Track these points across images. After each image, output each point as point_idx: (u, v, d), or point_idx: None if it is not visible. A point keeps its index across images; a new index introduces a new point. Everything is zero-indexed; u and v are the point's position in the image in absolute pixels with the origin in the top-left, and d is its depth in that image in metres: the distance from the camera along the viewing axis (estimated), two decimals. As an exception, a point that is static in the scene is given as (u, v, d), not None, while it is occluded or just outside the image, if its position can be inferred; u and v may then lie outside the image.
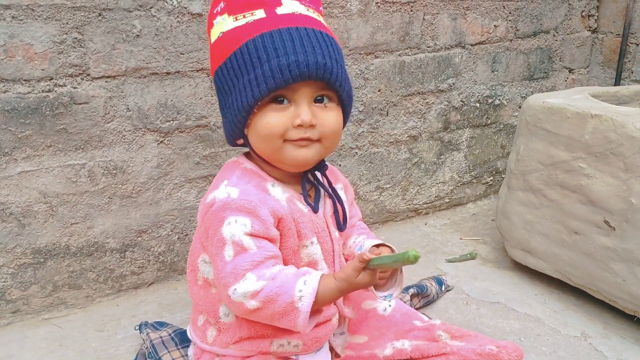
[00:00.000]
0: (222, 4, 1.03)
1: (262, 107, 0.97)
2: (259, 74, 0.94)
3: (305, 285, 0.94)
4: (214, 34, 1.03)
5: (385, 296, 1.07)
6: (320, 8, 1.08)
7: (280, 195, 1.03)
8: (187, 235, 1.60)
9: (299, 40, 0.94)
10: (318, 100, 0.99)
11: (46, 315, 1.46)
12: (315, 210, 1.07)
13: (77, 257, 1.47)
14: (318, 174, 1.11)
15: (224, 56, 0.99)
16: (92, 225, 1.46)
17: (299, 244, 1.04)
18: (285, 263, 1.02)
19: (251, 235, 0.96)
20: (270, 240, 0.98)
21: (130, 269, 1.55)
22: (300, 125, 0.97)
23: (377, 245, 1.12)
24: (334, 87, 0.99)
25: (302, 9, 1.01)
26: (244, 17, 0.98)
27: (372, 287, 1.06)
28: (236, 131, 1.03)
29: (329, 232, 1.09)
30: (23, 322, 1.43)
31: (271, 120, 0.97)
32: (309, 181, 1.08)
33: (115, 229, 1.49)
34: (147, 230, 1.54)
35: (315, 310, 0.97)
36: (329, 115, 1.00)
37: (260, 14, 0.98)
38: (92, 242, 1.47)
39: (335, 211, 1.11)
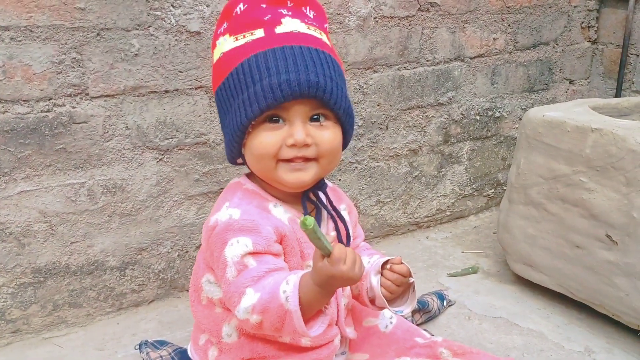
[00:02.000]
0: (225, 24, 1.03)
1: (256, 126, 0.97)
2: (252, 94, 0.94)
3: (287, 285, 0.91)
4: (216, 54, 1.03)
5: (396, 311, 1.08)
6: (325, 25, 1.08)
7: (282, 215, 1.03)
8: (187, 252, 1.60)
9: (292, 58, 0.94)
10: (314, 119, 0.99)
11: (46, 335, 1.45)
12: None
13: (77, 275, 1.46)
14: (321, 194, 1.10)
15: (222, 76, 1.00)
16: (91, 244, 1.46)
17: (302, 264, 1.04)
18: None
19: (252, 254, 0.96)
20: (273, 255, 0.98)
21: (130, 287, 1.54)
22: (293, 145, 0.96)
23: (387, 262, 1.10)
24: (328, 106, 0.98)
25: (302, 27, 1.00)
26: (244, 37, 0.99)
27: (384, 300, 1.06)
28: (234, 150, 1.03)
29: None
30: (23, 342, 1.43)
31: (264, 140, 0.97)
32: (309, 200, 1.08)
33: (115, 247, 1.49)
34: (147, 248, 1.54)
35: (312, 310, 0.93)
36: (325, 134, 0.99)
37: (259, 33, 0.98)
38: (92, 261, 1.47)
39: (337, 231, 1.10)
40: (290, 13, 1.01)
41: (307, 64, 0.94)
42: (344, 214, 1.14)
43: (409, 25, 1.80)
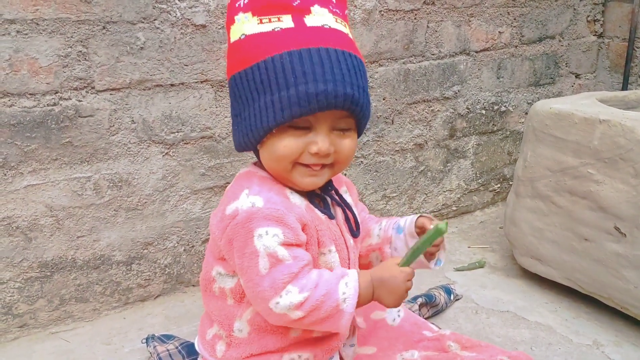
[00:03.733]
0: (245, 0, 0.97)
1: (280, 128, 0.95)
2: (284, 98, 0.91)
3: (347, 287, 0.96)
4: (235, 33, 0.97)
5: (436, 263, 1.09)
6: (346, 12, 1.06)
7: (300, 202, 1.01)
8: (193, 247, 1.59)
9: (329, 65, 0.91)
10: (338, 127, 0.98)
11: (53, 329, 1.45)
12: (332, 217, 1.06)
13: (84, 270, 1.46)
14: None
15: (245, 63, 0.95)
16: (98, 238, 1.46)
17: (318, 251, 1.03)
18: None
19: (284, 244, 0.94)
20: (301, 245, 0.98)
21: (136, 281, 1.54)
22: (316, 153, 0.95)
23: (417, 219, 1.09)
24: (357, 117, 0.98)
25: (330, 20, 0.97)
26: (270, 21, 0.94)
27: (422, 257, 1.06)
28: (248, 144, 1.00)
29: (344, 240, 1.08)
30: (30, 337, 1.43)
31: (288, 144, 0.95)
32: (316, 195, 1.08)
33: (122, 241, 1.49)
34: (153, 243, 1.53)
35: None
36: (346, 143, 0.98)
37: (287, 20, 0.94)
38: (99, 255, 1.47)
39: (347, 218, 1.10)
40: None
41: (343, 73, 0.92)
42: (346, 196, 1.13)
43: (415, 18, 1.79)
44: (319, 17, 0.96)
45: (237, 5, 0.98)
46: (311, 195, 1.06)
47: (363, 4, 1.68)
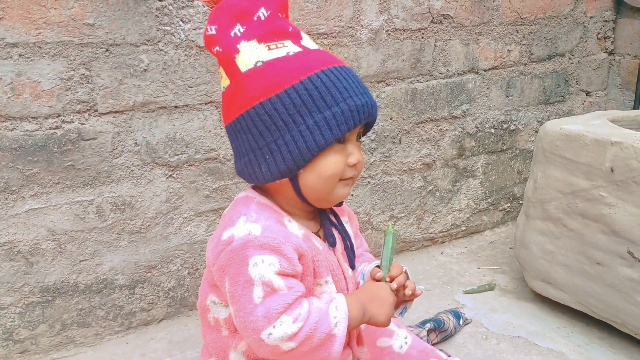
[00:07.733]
0: (240, 27, 0.95)
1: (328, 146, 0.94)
2: (338, 113, 0.91)
3: (337, 311, 0.94)
4: (246, 62, 0.94)
5: (401, 312, 1.06)
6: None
7: (297, 231, 0.99)
8: (197, 269, 1.57)
9: (356, 80, 0.95)
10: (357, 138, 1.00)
11: (55, 355, 1.43)
12: (333, 244, 1.04)
13: (86, 294, 1.44)
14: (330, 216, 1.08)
15: (275, 88, 0.91)
16: (100, 262, 1.44)
17: (314, 282, 1.01)
18: None
19: (280, 274, 0.92)
20: (297, 276, 0.95)
21: (139, 305, 1.52)
22: (354, 165, 0.96)
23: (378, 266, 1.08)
24: (370, 126, 1.00)
25: (315, 44, 0.99)
26: (277, 47, 0.94)
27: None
28: (286, 172, 0.94)
29: (342, 270, 1.06)
30: (31, 362, 1.41)
31: (338, 159, 0.94)
32: (328, 219, 1.06)
33: (124, 265, 1.47)
34: (157, 266, 1.51)
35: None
36: (361, 153, 1.00)
37: (291, 45, 0.94)
38: (101, 279, 1.45)
39: (346, 247, 1.07)
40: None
41: (364, 86, 0.96)
42: (347, 226, 1.11)
43: (422, 37, 1.78)
44: (308, 41, 0.98)
45: (232, 34, 0.95)
46: (325, 219, 1.05)
47: (370, 23, 1.67)
